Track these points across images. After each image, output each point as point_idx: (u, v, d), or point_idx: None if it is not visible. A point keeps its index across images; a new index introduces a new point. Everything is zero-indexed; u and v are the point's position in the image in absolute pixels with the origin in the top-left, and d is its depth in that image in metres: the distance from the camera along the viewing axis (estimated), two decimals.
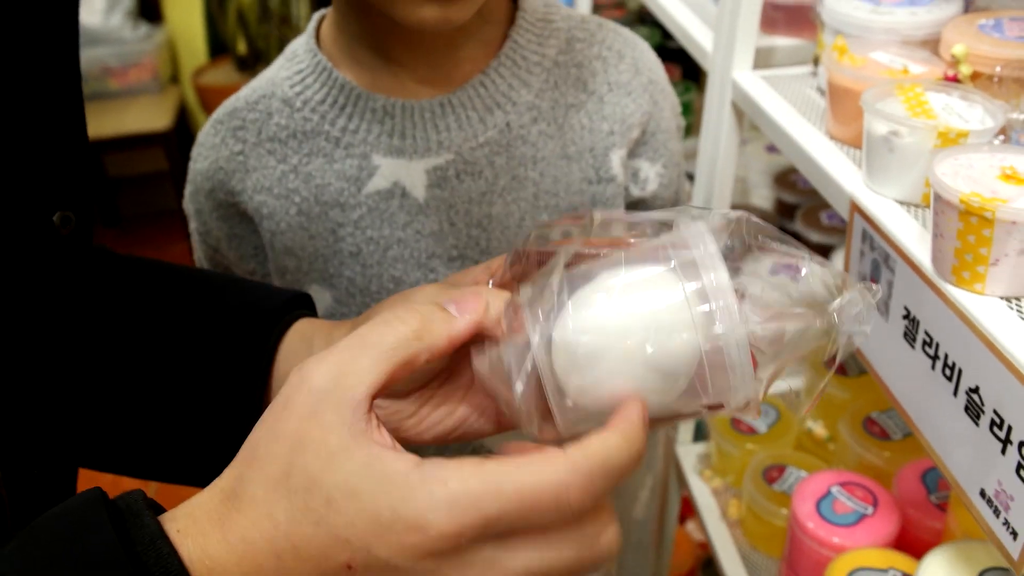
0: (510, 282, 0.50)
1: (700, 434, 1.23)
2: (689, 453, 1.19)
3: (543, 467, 0.37)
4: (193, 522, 0.40)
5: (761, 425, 1.12)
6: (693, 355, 0.41)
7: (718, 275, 0.42)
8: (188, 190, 0.76)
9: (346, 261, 0.71)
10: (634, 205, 0.77)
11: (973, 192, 0.54)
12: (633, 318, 0.41)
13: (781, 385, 1.31)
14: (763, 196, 1.74)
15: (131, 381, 0.66)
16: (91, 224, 0.64)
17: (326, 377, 0.40)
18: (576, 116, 0.72)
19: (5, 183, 0.53)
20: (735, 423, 1.13)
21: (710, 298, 0.41)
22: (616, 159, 0.72)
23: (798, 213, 1.55)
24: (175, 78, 3.16)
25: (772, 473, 1.04)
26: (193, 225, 0.77)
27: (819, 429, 1.08)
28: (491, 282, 0.52)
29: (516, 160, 0.70)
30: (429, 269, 0.71)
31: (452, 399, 0.49)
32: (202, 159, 0.73)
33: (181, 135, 2.99)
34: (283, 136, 0.70)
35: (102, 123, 2.81)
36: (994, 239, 0.54)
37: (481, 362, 0.45)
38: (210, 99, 3.00)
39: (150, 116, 2.90)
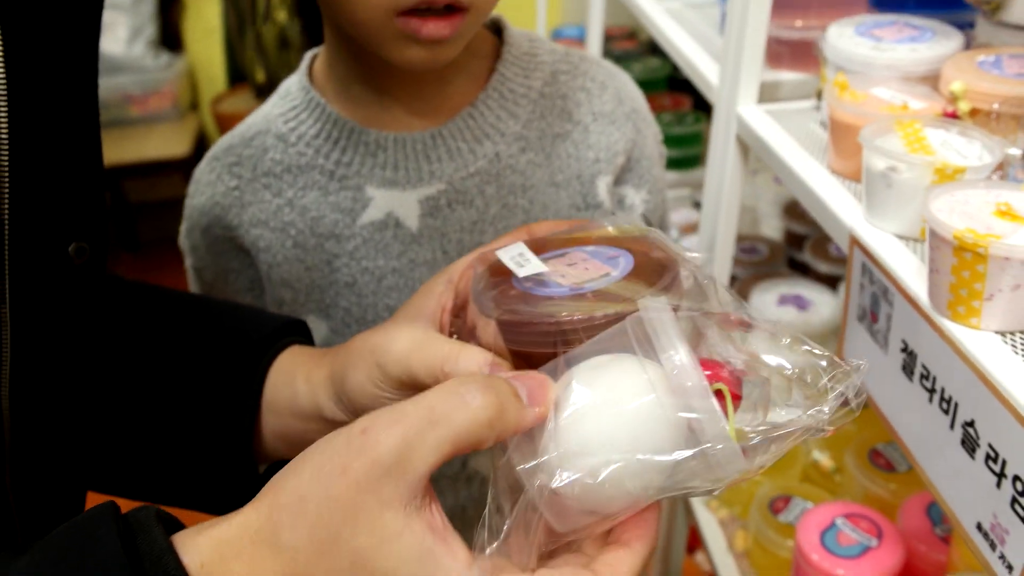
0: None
1: None
2: None
3: None
4: (220, 558, 0.39)
5: None
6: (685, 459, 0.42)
7: (693, 378, 0.41)
8: (184, 227, 0.77)
9: (342, 292, 0.72)
10: None
11: (968, 228, 0.55)
12: (622, 442, 0.41)
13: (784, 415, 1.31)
14: (772, 226, 1.75)
15: (128, 404, 0.67)
16: (105, 254, 0.65)
17: (392, 451, 0.39)
18: (563, 145, 0.73)
19: (23, 215, 0.55)
20: None
21: (693, 408, 0.41)
22: (603, 186, 0.74)
23: (807, 244, 1.56)
24: (194, 105, 3.21)
25: (778, 504, 1.04)
26: (189, 262, 0.78)
27: (825, 460, 1.08)
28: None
29: (506, 189, 0.72)
30: None
31: None
32: (199, 195, 0.75)
33: (199, 162, 3.03)
34: (278, 171, 0.72)
35: (122, 150, 2.85)
36: (988, 275, 0.54)
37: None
38: (228, 126, 3.03)
39: (169, 143, 2.94)
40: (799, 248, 1.59)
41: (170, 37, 3.10)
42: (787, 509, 1.03)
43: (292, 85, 0.74)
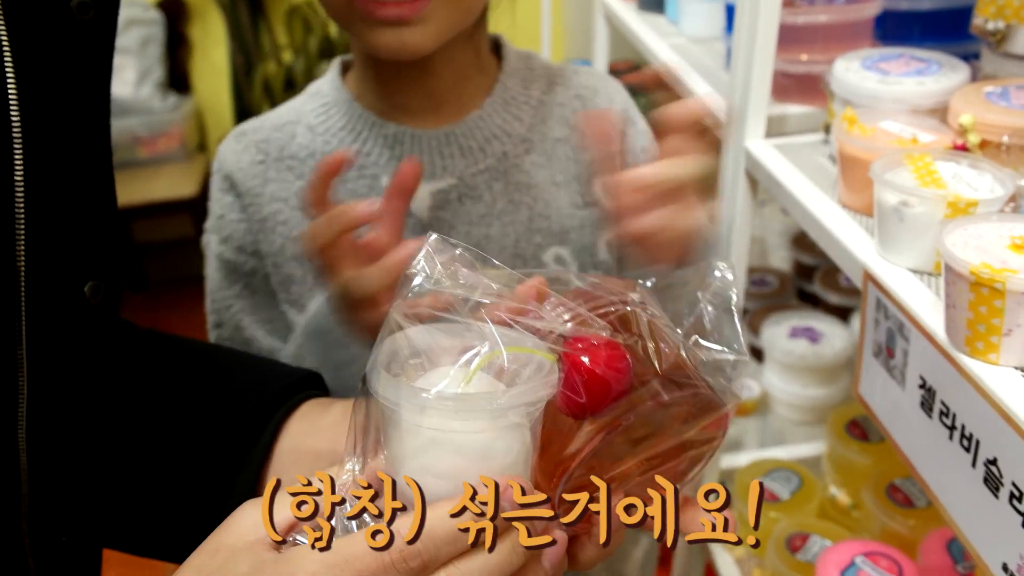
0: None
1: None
2: None
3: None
4: None
5: (783, 492, 1.11)
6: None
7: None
8: (212, 191, 0.81)
9: None
10: None
11: (983, 263, 0.54)
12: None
13: (803, 449, 1.30)
14: (781, 257, 1.75)
15: (139, 458, 0.67)
16: (119, 292, 0.65)
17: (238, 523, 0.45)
18: (562, 148, 0.79)
19: (39, 256, 0.55)
20: None
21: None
22: (599, 185, 0.77)
23: (816, 274, 1.55)
24: (202, 146, 3.23)
25: (795, 542, 1.02)
26: (212, 240, 0.81)
27: (842, 496, 1.07)
28: None
29: (512, 186, 0.77)
30: None
31: None
32: (226, 163, 0.79)
33: (207, 202, 3.04)
34: (303, 155, 0.77)
35: (130, 191, 2.87)
36: (1006, 310, 0.54)
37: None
38: None
39: (177, 183, 2.96)
40: (809, 279, 1.59)
41: (178, 79, 3.13)
42: (805, 547, 1.01)
43: (323, 85, 0.80)
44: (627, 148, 0.66)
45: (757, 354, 1.44)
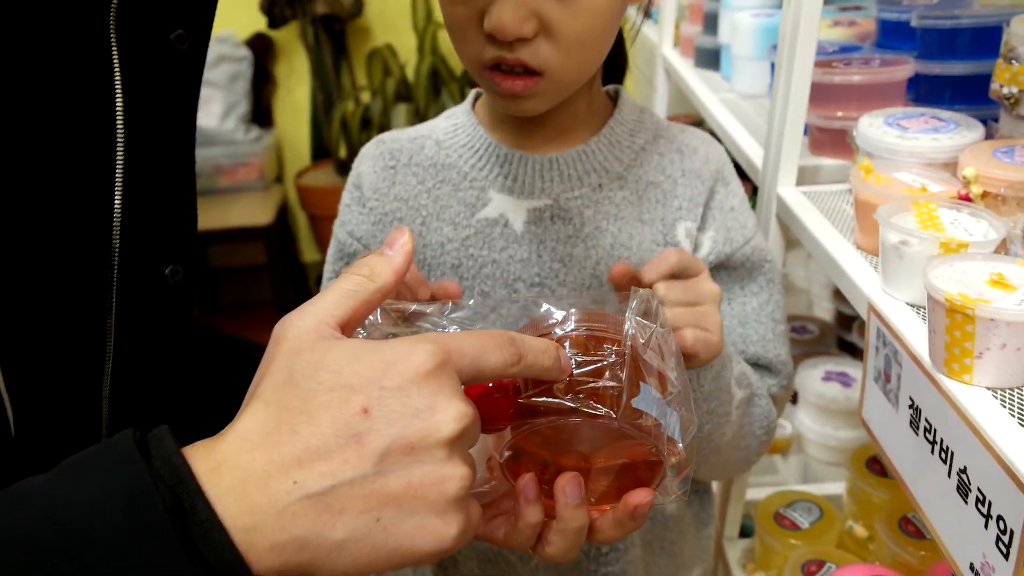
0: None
1: (746, 531, 1.27)
2: (735, 548, 1.24)
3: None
4: (198, 446, 0.46)
5: (804, 522, 1.16)
6: None
7: None
8: (345, 187, 0.91)
9: (447, 272, 0.84)
10: None
11: (960, 292, 0.62)
12: None
13: (829, 487, 1.35)
14: (825, 308, 1.81)
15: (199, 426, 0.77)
16: (194, 276, 0.76)
17: (299, 324, 0.49)
18: (654, 192, 0.86)
19: (130, 241, 0.66)
20: (779, 519, 1.17)
21: None
22: (682, 229, 0.85)
23: (855, 325, 1.61)
24: (279, 178, 3.39)
25: (811, 568, 1.08)
26: (336, 221, 0.91)
27: (859, 529, 1.12)
28: None
29: (601, 215, 0.84)
30: (513, 289, 0.84)
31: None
32: (364, 161, 0.90)
33: (280, 231, 3.19)
34: (426, 164, 0.88)
35: (209, 216, 3.02)
36: (976, 334, 0.61)
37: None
38: (309, 198, 3.21)
39: (253, 212, 3.11)
40: (848, 329, 1.65)
41: (261, 114, 3.31)
42: (819, 573, 1.07)
43: (458, 110, 0.91)
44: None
45: (792, 396, 1.50)
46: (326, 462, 0.45)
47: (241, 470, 0.45)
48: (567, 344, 0.58)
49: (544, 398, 0.56)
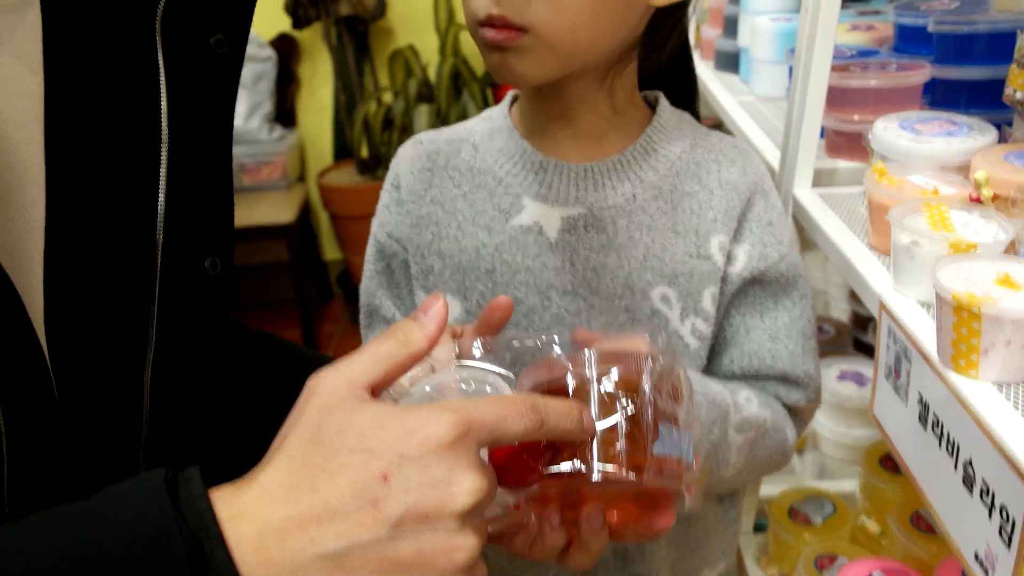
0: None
1: (761, 526, 1.29)
2: (749, 542, 1.26)
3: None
4: (224, 491, 0.48)
5: (817, 517, 1.19)
6: None
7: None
8: (383, 187, 0.92)
9: (481, 277, 0.85)
10: (725, 280, 0.87)
11: (967, 291, 0.64)
12: None
13: (843, 484, 1.37)
14: (841, 309, 1.82)
15: (236, 418, 0.80)
16: (231, 269, 0.79)
17: (331, 382, 0.52)
18: (689, 202, 0.85)
19: (174, 233, 0.69)
20: (792, 514, 1.20)
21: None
22: (715, 242, 0.85)
23: (871, 326, 1.62)
24: (302, 177, 3.44)
25: (823, 562, 1.10)
26: (375, 221, 0.92)
27: (871, 524, 1.15)
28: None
29: (634, 225, 0.84)
30: (546, 297, 0.84)
31: None
32: (402, 162, 0.91)
33: (302, 229, 3.23)
34: (463, 168, 0.88)
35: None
36: (983, 331, 0.63)
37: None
38: (331, 197, 3.25)
39: (276, 210, 3.14)
40: (864, 330, 1.66)
41: (284, 113, 3.35)
42: (832, 567, 1.09)
43: (494, 112, 0.91)
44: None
45: None
46: (342, 523, 0.48)
47: (261, 522, 0.48)
48: (591, 388, 0.60)
49: (571, 462, 0.58)
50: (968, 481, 0.65)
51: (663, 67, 0.88)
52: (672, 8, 0.80)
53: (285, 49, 3.27)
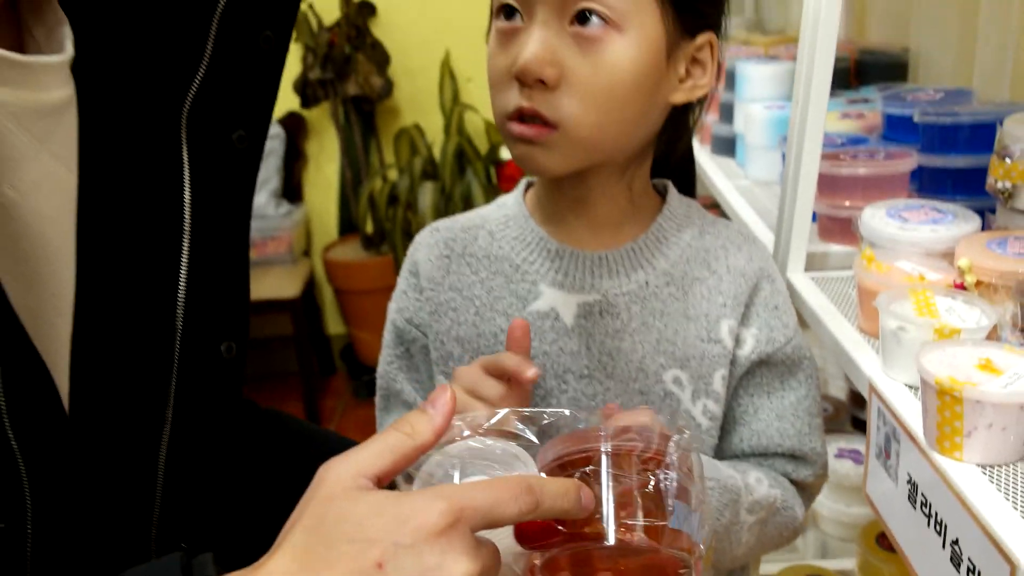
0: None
1: None
2: None
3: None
4: None
5: None
6: None
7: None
8: (400, 273, 0.95)
9: None
10: (734, 362, 0.90)
11: (949, 376, 0.67)
12: None
13: (843, 563, 1.38)
14: (839, 387, 1.85)
15: (247, 494, 0.82)
16: (245, 353, 0.82)
17: (338, 472, 0.55)
18: (699, 288, 0.88)
19: (193, 318, 0.73)
20: None
21: None
22: (725, 327, 0.88)
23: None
24: (307, 252, 3.48)
25: None
26: (392, 306, 0.94)
27: None
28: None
29: (648, 311, 0.87)
30: (563, 380, 0.87)
31: None
32: (420, 249, 0.94)
33: (307, 303, 3.27)
34: (480, 255, 0.91)
35: None
36: (964, 415, 0.66)
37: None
38: (336, 272, 3.30)
39: (281, 285, 3.18)
40: (861, 408, 1.68)
41: (291, 189, 3.41)
42: None
43: (509, 199, 0.94)
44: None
45: None
46: None
47: None
48: (611, 459, 0.63)
49: (590, 541, 0.60)
50: (955, 560, 0.67)
51: (676, 159, 0.92)
52: (689, 104, 0.84)
53: (293, 127, 3.35)
